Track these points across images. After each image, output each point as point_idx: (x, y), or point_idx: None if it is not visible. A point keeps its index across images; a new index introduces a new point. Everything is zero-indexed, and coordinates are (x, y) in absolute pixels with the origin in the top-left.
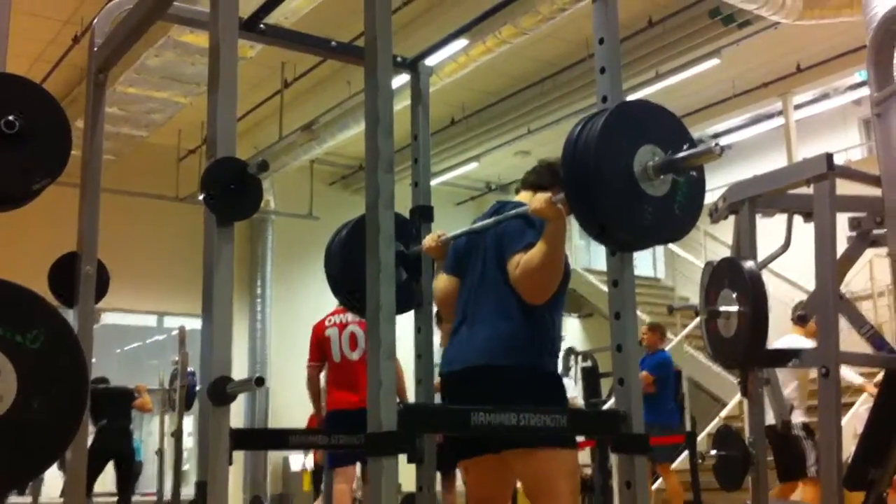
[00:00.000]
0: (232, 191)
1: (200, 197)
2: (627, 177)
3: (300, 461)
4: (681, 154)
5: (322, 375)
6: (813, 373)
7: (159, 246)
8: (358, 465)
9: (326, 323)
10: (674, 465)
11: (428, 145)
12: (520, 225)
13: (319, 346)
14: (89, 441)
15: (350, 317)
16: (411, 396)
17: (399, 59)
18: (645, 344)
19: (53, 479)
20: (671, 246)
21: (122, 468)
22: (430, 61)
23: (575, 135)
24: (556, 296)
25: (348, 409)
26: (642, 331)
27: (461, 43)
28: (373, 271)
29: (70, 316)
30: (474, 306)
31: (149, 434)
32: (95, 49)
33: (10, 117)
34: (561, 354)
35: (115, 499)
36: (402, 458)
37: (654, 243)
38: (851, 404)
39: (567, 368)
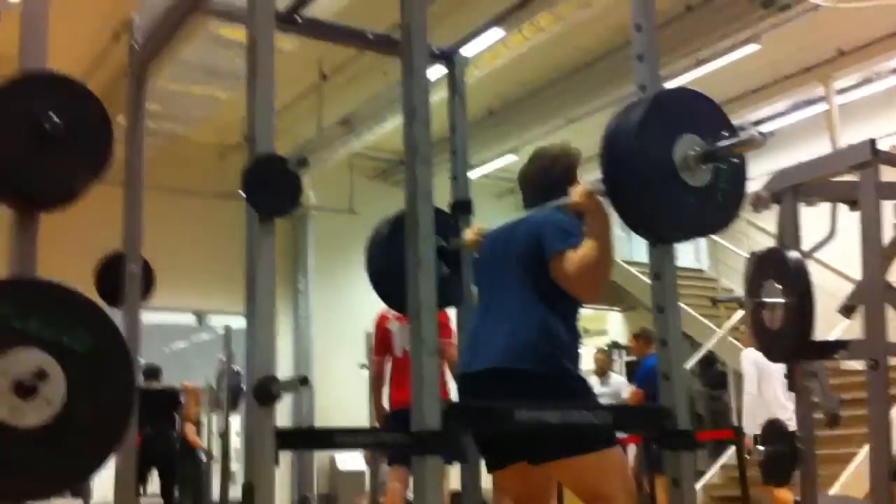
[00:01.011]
0: (272, 187)
1: (241, 194)
2: (667, 168)
3: (347, 461)
4: (722, 143)
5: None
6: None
7: (202, 243)
8: None
9: (388, 315)
10: (721, 460)
11: (465, 137)
12: (559, 227)
13: (384, 340)
14: None
15: None
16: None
17: (435, 50)
18: (633, 353)
19: (103, 481)
20: (713, 235)
21: (167, 475)
22: (467, 52)
23: (613, 126)
24: (574, 302)
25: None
26: (629, 340)
27: (497, 33)
28: (412, 267)
29: (117, 316)
30: (495, 307)
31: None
32: (136, 45)
33: (54, 118)
34: (602, 348)
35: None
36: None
37: (697, 235)
38: None
39: (611, 362)
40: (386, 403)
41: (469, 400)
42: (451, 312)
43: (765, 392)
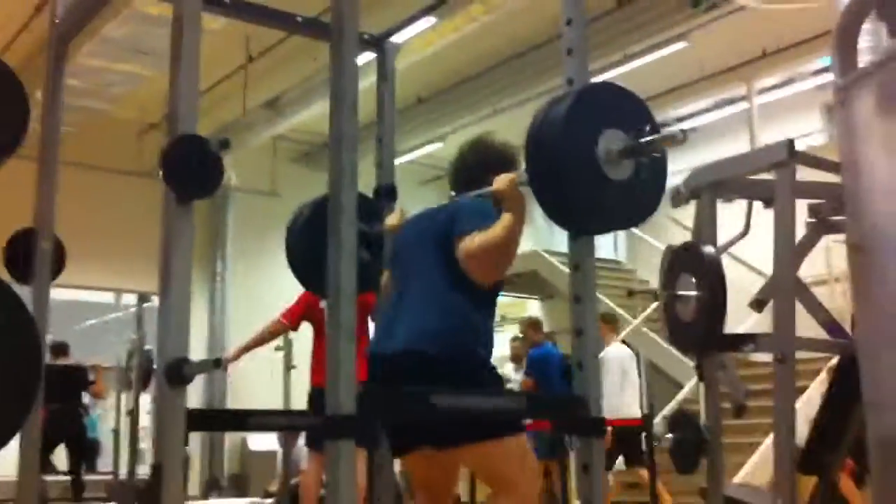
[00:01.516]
0: (192, 168)
1: (160, 173)
2: (590, 161)
3: (258, 441)
4: (644, 139)
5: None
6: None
7: (119, 222)
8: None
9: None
10: None
11: (393, 125)
12: (475, 210)
13: (305, 312)
14: None
15: None
16: None
17: (366, 36)
18: (525, 341)
19: (6, 458)
20: (633, 229)
21: (74, 450)
22: (397, 39)
23: (538, 119)
24: (490, 295)
25: None
26: (521, 328)
27: (429, 20)
28: (334, 251)
29: (25, 293)
30: (409, 290)
31: (105, 411)
32: (57, 19)
33: None
34: (518, 336)
35: (68, 478)
36: None
37: (617, 228)
38: (805, 388)
39: (527, 349)
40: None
41: (379, 383)
42: None
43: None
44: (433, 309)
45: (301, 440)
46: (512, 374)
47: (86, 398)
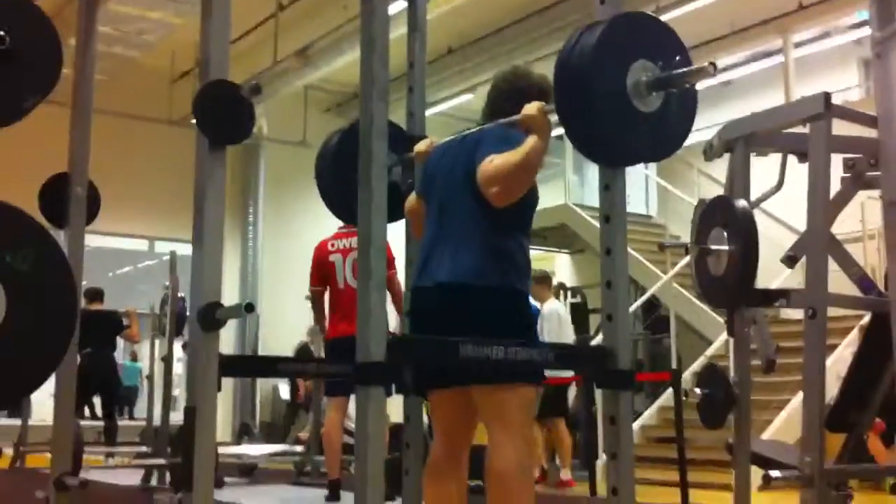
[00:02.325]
0: (224, 114)
1: (193, 120)
2: (619, 93)
3: (289, 390)
4: (673, 72)
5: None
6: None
7: (151, 170)
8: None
9: (329, 247)
10: (659, 402)
11: (424, 74)
12: (499, 136)
13: (322, 270)
14: None
15: (354, 241)
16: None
17: None
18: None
19: (42, 403)
20: (664, 183)
21: (107, 395)
22: None
23: (569, 47)
24: (522, 217)
25: (349, 335)
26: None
27: None
28: (364, 202)
29: (61, 238)
30: (444, 225)
31: (143, 359)
32: None
33: (1, 34)
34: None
35: (101, 423)
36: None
37: (645, 160)
38: (836, 346)
39: None
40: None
41: (416, 317)
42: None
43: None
44: (468, 243)
45: None
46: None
47: (119, 344)
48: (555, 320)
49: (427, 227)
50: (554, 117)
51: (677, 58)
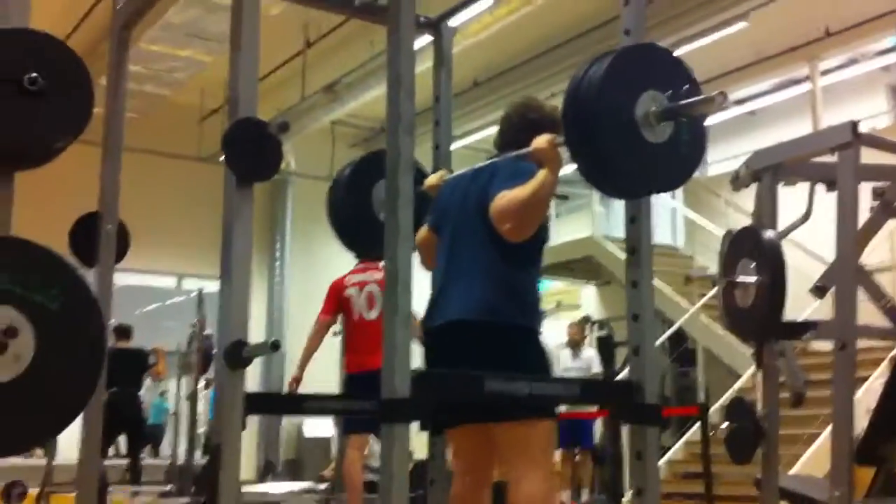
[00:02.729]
0: (252, 151)
1: (221, 157)
2: (628, 124)
3: (313, 428)
4: (681, 102)
5: (336, 338)
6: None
7: (180, 206)
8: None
9: (346, 282)
10: (686, 436)
11: (450, 107)
12: (511, 170)
13: (337, 301)
14: None
15: (370, 276)
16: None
17: (422, 18)
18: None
19: (69, 441)
20: (691, 213)
21: (133, 434)
22: (454, 22)
23: (578, 78)
24: (533, 253)
25: (367, 371)
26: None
27: (486, 3)
28: (391, 235)
29: (90, 276)
30: (455, 259)
31: (167, 397)
32: (119, 5)
33: (33, 74)
34: (575, 322)
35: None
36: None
37: (656, 190)
38: (865, 378)
39: (582, 336)
40: (338, 366)
41: (430, 354)
42: None
43: None
44: (480, 279)
45: None
46: (569, 362)
47: (146, 382)
48: None
49: (438, 261)
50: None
51: (686, 87)
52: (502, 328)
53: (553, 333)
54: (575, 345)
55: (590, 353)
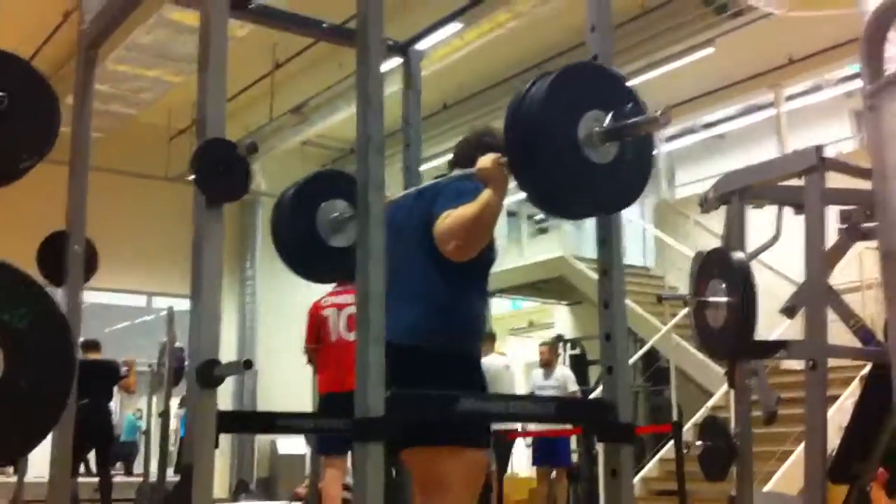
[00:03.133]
0: (221, 172)
1: (189, 177)
2: (571, 144)
3: (287, 445)
4: (625, 122)
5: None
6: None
7: (149, 226)
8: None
9: (323, 303)
10: (660, 454)
11: (419, 130)
12: (455, 189)
13: (316, 328)
14: None
15: (350, 298)
16: None
17: (391, 42)
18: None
19: (39, 459)
20: (661, 234)
21: (102, 449)
22: (423, 45)
23: (519, 98)
24: (477, 274)
25: (342, 391)
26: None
27: (455, 27)
28: (363, 255)
29: (58, 295)
30: (395, 279)
31: (141, 414)
32: (85, 25)
33: None
34: (546, 342)
35: (96, 479)
36: None
37: (602, 212)
38: (837, 397)
39: (555, 355)
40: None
41: None
42: None
43: None
44: (416, 301)
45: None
46: (541, 380)
47: (117, 396)
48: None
49: None
50: None
51: (629, 106)
52: (434, 352)
53: (526, 353)
54: (547, 364)
55: (564, 372)
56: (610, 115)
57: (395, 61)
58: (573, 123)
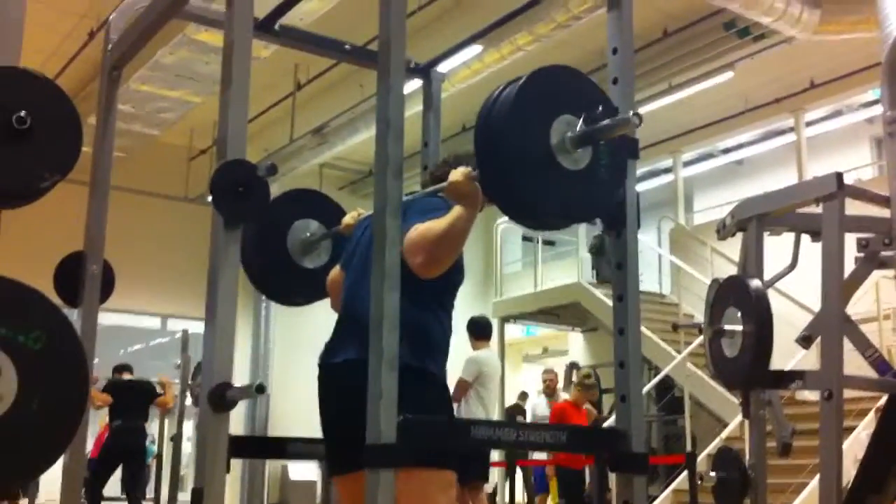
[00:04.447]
0: (240, 193)
1: (209, 198)
2: (543, 151)
3: (298, 471)
4: (597, 125)
5: None
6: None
7: (166, 246)
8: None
9: None
10: (674, 485)
11: (438, 152)
12: (425, 205)
13: None
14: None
15: None
16: None
17: (412, 64)
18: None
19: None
20: (677, 261)
21: (133, 469)
22: (443, 67)
23: (488, 107)
24: (443, 293)
25: None
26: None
27: (475, 49)
28: (378, 277)
29: (74, 316)
30: (358, 296)
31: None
32: (110, 46)
33: (21, 113)
34: (550, 369)
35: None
36: None
37: (577, 220)
38: (853, 428)
39: (568, 383)
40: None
41: (322, 391)
42: None
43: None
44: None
45: None
46: (545, 408)
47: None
48: (472, 364)
49: (343, 297)
50: None
51: (600, 109)
52: (400, 374)
53: (533, 380)
54: (551, 392)
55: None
56: (582, 119)
57: (416, 83)
58: (545, 129)
